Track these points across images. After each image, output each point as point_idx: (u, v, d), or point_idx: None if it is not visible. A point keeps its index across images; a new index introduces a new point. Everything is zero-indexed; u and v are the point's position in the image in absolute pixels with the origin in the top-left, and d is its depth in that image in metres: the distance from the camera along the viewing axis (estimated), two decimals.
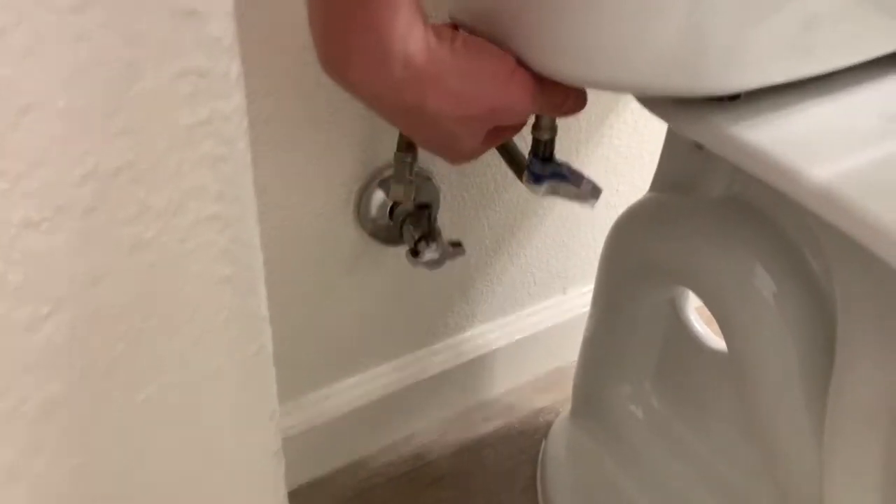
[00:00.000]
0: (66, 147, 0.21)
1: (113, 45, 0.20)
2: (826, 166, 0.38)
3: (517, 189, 0.73)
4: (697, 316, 0.67)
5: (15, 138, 0.20)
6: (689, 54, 0.41)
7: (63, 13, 0.19)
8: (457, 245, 0.60)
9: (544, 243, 0.79)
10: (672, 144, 0.62)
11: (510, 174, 0.72)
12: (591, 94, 0.51)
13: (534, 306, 0.84)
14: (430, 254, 0.58)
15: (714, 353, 0.64)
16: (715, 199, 0.58)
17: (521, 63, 0.42)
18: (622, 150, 0.77)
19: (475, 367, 0.82)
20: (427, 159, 0.65)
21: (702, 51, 0.40)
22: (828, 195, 0.37)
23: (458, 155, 0.46)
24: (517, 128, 0.50)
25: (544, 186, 0.56)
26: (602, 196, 0.58)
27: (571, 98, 0.46)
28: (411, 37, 0.36)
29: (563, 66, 0.43)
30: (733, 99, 0.45)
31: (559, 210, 0.77)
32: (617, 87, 0.45)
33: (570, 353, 0.87)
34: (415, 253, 0.59)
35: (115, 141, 0.22)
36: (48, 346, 0.23)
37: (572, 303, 0.86)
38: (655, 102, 0.46)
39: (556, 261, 0.82)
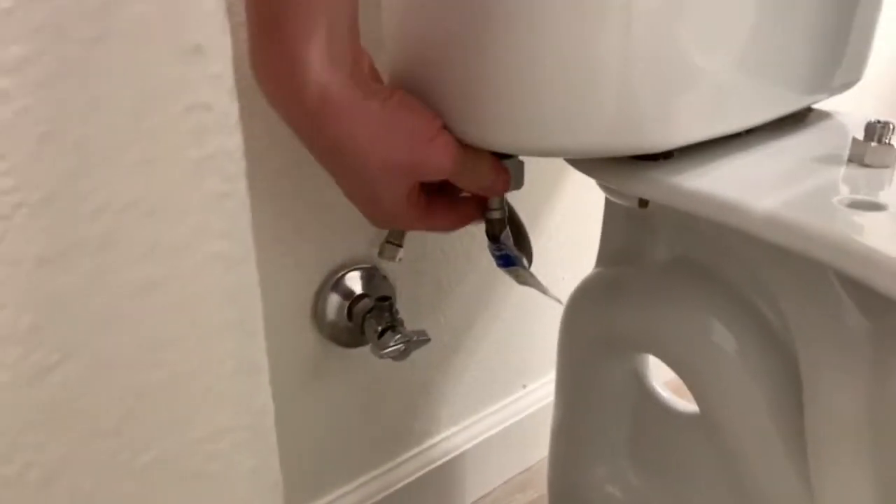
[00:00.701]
0: (80, 179, 0.21)
1: (127, 77, 0.21)
2: (768, 199, 0.42)
3: (470, 282, 0.74)
4: (662, 384, 0.68)
5: (36, 168, 0.20)
6: (626, 117, 0.44)
7: (84, 44, 0.20)
8: (420, 333, 0.60)
9: (501, 336, 0.80)
10: (611, 218, 0.65)
11: (460, 267, 0.73)
12: (523, 189, 0.54)
13: (496, 404, 0.84)
14: (395, 344, 0.58)
15: (684, 417, 0.65)
16: (662, 263, 0.61)
17: (452, 132, 0.46)
18: (561, 239, 0.81)
19: (445, 474, 0.79)
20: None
21: (637, 114, 0.44)
22: (775, 220, 0.40)
23: (381, 211, 0.47)
24: (460, 218, 0.52)
25: (509, 272, 0.57)
26: (548, 286, 0.59)
27: (500, 179, 0.50)
28: (332, 75, 0.39)
29: (508, 137, 0.46)
30: (667, 157, 0.48)
31: (513, 301, 0.79)
32: (563, 153, 0.48)
33: (538, 448, 0.86)
34: (380, 346, 0.59)
35: (126, 173, 0.22)
36: (55, 399, 0.23)
37: (534, 396, 0.86)
38: (598, 168, 0.50)
39: (514, 354, 0.82)
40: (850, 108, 0.61)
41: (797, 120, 0.58)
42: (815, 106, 0.60)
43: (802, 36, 0.51)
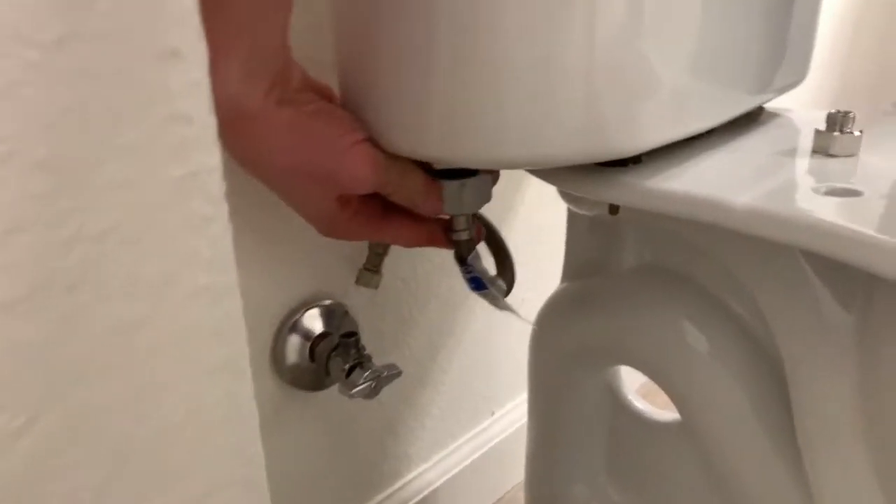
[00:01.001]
0: (47, 206, 0.18)
1: (98, 86, 0.18)
2: (745, 194, 0.41)
3: (432, 310, 0.72)
4: (634, 392, 0.67)
5: None
6: (593, 124, 0.43)
7: (46, 49, 0.17)
8: (390, 367, 0.57)
9: (466, 364, 0.78)
10: (575, 231, 0.64)
11: (421, 296, 0.71)
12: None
13: (466, 434, 0.81)
14: (364, 381, 0.55)
15: (662, 427, 0.64)
16: (629, 272, 0.60)
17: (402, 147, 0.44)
18: (519, 258, 0.79)
19: None
20: (341, 293, 0.63)
21: (604, 120, 0.43)
22: (757, 213, 0.39)
23: (319, 221, 0.47)
24: (423, 235, 0.51)
25: (483, 295, 0.55)
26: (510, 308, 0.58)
27: (430, 197, 0.49)
28: (246, 88, 0.39)
29: (471, 150, 0.44)
30: (636, 162, 0.47)
31: (475, 326, 0.77)
32: (529, 164, 0.47)
33: (512, 475, 0.84)
34: (349, 385, 0.55)
35: (101, 197, 0.19)
36: (25, 469, 0.19)
37: (503, 422, 0.84)
38: (567, 177, 0.48)
39: (479, 381, 0.80)
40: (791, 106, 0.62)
41: (751, 120, 0.58)
42: (765, 107, 0.61)
43: (749, 41, 0.52)
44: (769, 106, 0.61)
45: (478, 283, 0.55)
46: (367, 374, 0.56)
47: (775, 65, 0.56)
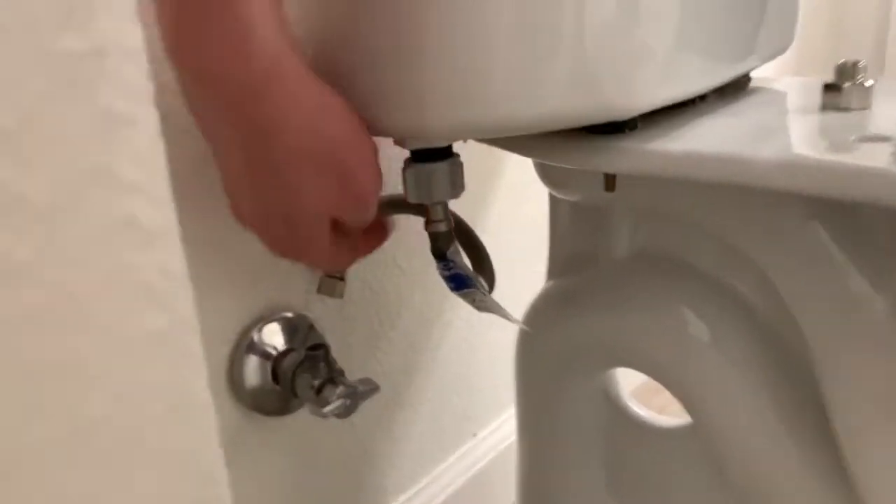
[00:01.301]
0: None
1: None
2: (766, 148, 0.36)
3: (405, 322, 0.65)
4: (635, 400, 0.61)
5: None
6: (586, 80, 0.39)
7: None
8: (366, 381, 0.51)
9: (443, 380, 0.71)
10: (559, 222, 0.59)
11: (392, 307, 0.65)
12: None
13: (447, 460, 0.74)
14: (339, 399, 0.48)
15: (665, 433, 0.58)
16: (622, 262, 0.55)
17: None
18: (497, 258, 0.73)
19: None
20: (302, 305, 0.56)
21: (598, 77, 0.39)
22: (788, 164, 0.34)
23: (295, 233, 0.40)
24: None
25: (464, 295, 0.49)
26: (487, 316, 0.52)
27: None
28: (282, 42, 0.32)
29: (477, 114, 0.39)
30: (633, 129, 0.42)
31: (452, 340, 0.71)
32: (517, 127, 0.41)
33: (499, 500, 0.77)
34: (320, 403, 0.48)
35: None
36: None
37: (486, 444, 0.77)
38: (567, 150, 0.43)
39: (459, 399, 0.73)
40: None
41: (739, 88, 0.54)
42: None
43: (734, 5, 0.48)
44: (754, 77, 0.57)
45: (459, 280, 0.49)
46: (339, 390, 0.49)
47: (760, 30, 0.52)
